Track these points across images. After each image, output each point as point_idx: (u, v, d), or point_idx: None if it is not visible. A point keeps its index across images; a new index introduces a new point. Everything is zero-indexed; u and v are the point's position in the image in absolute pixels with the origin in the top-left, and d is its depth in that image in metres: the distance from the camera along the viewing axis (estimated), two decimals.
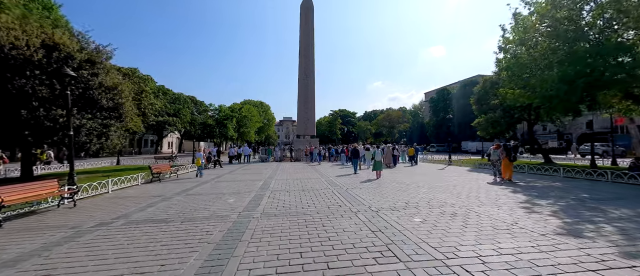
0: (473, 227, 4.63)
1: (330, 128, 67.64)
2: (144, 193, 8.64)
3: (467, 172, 13.91)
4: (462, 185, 9.56)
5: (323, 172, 14.55)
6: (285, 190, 8.87)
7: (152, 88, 43.02)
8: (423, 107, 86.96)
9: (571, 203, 6.51)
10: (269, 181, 11.19)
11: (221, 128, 46.64)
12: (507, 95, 15.29)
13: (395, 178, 11.53)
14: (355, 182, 10.71)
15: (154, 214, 5.90)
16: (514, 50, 14.63)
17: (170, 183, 11.01)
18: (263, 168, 17.59)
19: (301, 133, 31.39)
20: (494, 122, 18.90)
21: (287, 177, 12.63)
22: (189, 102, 53.96)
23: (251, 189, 9.08)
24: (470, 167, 16.76)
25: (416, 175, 12.66)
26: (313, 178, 11.79)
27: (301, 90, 31.44)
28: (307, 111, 31.53)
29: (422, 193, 8.10)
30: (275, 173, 14.54)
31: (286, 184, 10.20)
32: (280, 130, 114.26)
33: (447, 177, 11.76)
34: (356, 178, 12.06)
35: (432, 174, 13.27)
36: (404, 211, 5.77)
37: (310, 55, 31.55)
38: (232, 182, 10.96)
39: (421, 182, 10.44)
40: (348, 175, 12.98)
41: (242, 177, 12.95)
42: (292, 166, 19.61)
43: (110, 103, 12.71)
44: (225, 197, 7.68)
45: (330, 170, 15.80)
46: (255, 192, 8.58)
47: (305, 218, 5.33)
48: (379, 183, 10.26)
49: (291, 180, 11.50)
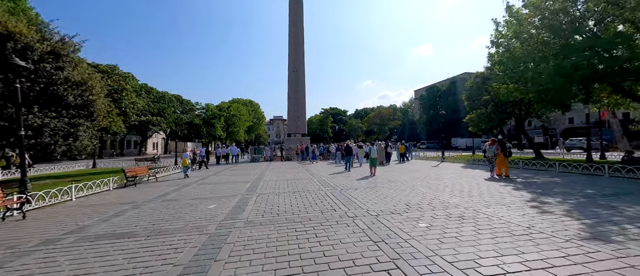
0: (487, 233, 4.07)
1: (321, 126, 66.96)
2: (113, 200, 7.66)
3: (462, 169, 13.59)
4: (460, 182, 9.11)
5: (315, 171, 13.87)
6: (275, 192, 8.13)
7: (133, 86, 40.95)
8: (413, 104, 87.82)
9: (581, 200, 6.12)
10: (257, 182, 10.39)
11: (209, 127, 44.97)
12: (500, 89, 15.10)
13: (390, 177, 11.00)
14: (350, 181, 10.09)
15: (117, 226, 5.02)
16: (508, 44, 14.41)
17: (148, 187, 10.01)
18: (252, 169, 16.72)
19: (292, 131, 30.59)
20: (485, 118, 18.79)
21: (277, 177, 11.86)
22: (175, 101, 51.83)
23: (237, 192, 8.27)
24: (463, 163, 16.52)
25: (411, 173, 12.19)
26: (305, 179, 11.09)
27: (291, 88, 30.58)
28: (297, 109, 30.74)
29: (422, 192, 7.55)
30: (265, 173, 13.74)
31: (276, 185, 9.44)
32: (271, 129, 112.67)
33: (443, 174, 11.34)
34: (350, 176, 11.45)
35: (427, 171, 12.86)
36: (407, 215, 5.16)
37: (300, 50, 30.71)
38: (217, 185, 10.09)
39: (418, 179, 9.94)
40: (341, 174, 12.37)
41: (228, 178, 12.07)
42: (283, 165, 18.82)
43: (79, 100, 11.50)
44: (205, 203, 6.85)
45: (323, 169, 15.14)
46: (240, 195, 7.79)
47: (295, 227, 4.62)
48: (375, 181, 9.68)
49: (281, 180, 10.75)
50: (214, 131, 44.69)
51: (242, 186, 9.50)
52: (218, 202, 6.96)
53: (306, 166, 17.93)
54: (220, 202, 6.95)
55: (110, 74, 36.33)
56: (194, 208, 6.31)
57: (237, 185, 9.71)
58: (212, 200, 7.23)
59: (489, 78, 18.70)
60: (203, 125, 45.00)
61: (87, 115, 12.13)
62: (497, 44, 15.50)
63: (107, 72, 36.16)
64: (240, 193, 8.14)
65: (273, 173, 13.81)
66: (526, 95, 13.38)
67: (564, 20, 11.43)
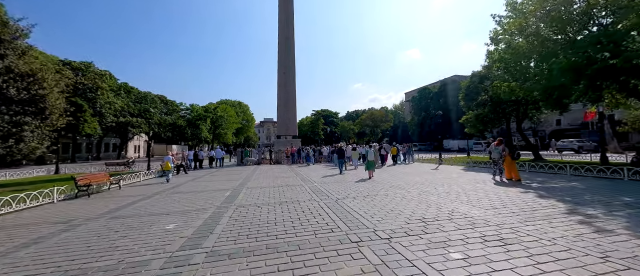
0: (555, 269, 2.84)
1: (312, 128, 65.62)
2: (49, 217, 6.00)
3: (463, 172, 12.59)
4: (471, 188, 8.00)
5: (305, 176, 12.51)
6: (257, 203, 6.70)
7: (111, 85, 38.26)
8: (404, 106, 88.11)
9: (628, 211, 5.06)
10: (239, 190, 8.91)
11: (194, 129, 42.64)
12: (501, 88, 14.31)
13: (390, 181, 9.79)
14: (346, 187, 8.79)
15: (13, 266, 3.47)
16: (509, 39, 13.64)
17: (105, 198, 8.32)
18: (236, 173, 15.14)
19: (282, 133, 29.12)
20: (483, 118, 18.05)
21: (263, 183, 10.41)
22: (158, 102, 49.09)
23: (210, 204, 6.79)
24: (462, 165, 15.60)
25: (411, 176, 11.05)
26: (294, 185, 9.70)
27: (281, 88, 29.18)
28: (287, 110, 29.34)
29: (434, 202, 6.34)
30: (250, 178, 12.24)
31: (260, 194, 8.01)
32: (261, 131, 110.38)
33: (447, 178, 10.25)
34: (345, 181, 10.16)
35: (427, 175, 11.77)
36: (428, 238, 3.89)
37: (291, 49, 29.42)
38: (190, 193, 8.53)
39: (422, 184, 8.77)
40: (333, 176, 11.09)
41: (206, 185, 10.49)
42: (271, 169, 17.33)
43: (24, 94, 9.65)
44: (164, 221, 5.34)
45: (314, 173, 13.80)
46: (214, 208, 6.31)
47: (277, 263, 3.24)
48: (375, 187, 8.43)
49: (267, 188, 9.31)
50: (199, 133, 42.39)
51: (220, 196, 8.00)
52: (182, 218, 5.47)
53: (296, 170, 16.52)
54: (185, 218, 5.46)
55: (85, 72, 33.69)
56: (144, 230, 4.79)
57: (214, 195, 8.19)
58: (175, 216, 5.72)
59: (487, 77, 18.01)
60: (188, 127, 42.60)
61: (36, 112, 10.25)
62: (496, 40, 14.73)
63: (81, 69, 33.52)
64: (214, 205, 6.66)
65: (259, 178, 12.32)
66: (529, 93, 12.58)
67: (573, 12, 10.68)
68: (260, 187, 9.50)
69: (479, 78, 18.57)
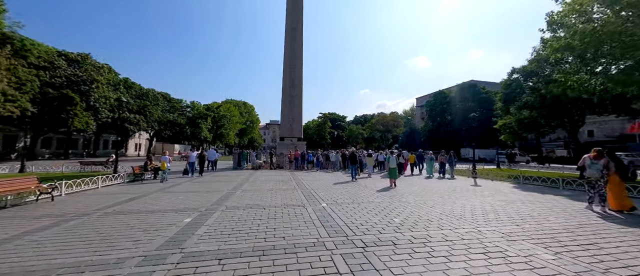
0: None
1: (319, 132, 62.70)
2: None
3: (523, 193, 9.40)
4: (572, 228, 4.88)
5: (310, 188, 9.58)
6: (221, 252, 3.79)
7: (110, 79, 36.42)
8: (414, 112, 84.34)
9: None
10: (212, 211, 6.04)
11: (194, 128, 40.30)
12: (567, 83, 11.10)
13: (429, 201, 6.74)
14: (369, 210, 5.80)
15: None
16: (584, 20, 10.48)
17: (17, 217, 5.59)
18: (226, 181, 12.32)
19: (286, 135, 26.36)
20: (529, 123, 14.73)
21: (253, 199, 7.53)
22: (159, 98, 47.24)
23: (143, 243, 3.92)
24: (510, 182, 12.34)
25: (456, 198, 7.96)
26: (293, 206, 6.76)
27: (286, 86, 26.52)
28: (292, 109, 26.59)
29: (547, 262, 3.28)
30: (239, 189, 9.38)
31: (240, 220, 5.13)
32: (267, 134, 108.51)
33: (510, 205, 7.12)
34: (362, 198, 7.17)
35: (470, 192, 8.66)
36: None
37: (298, 42, 26.81)
38: (134, 215, 5.70)
39: (482, 212, 5.70)
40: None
41: (170, 200, 7.63)
42: (270, 176, 14.45)
43: None
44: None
45: (321, 183, 10.84)
46: (140, 256, 3.43)
47: None
48: (417, 215, 5.41)
49: (255, 207, 6.41)
50: (199, 132, 40.03)
51: (173, 224, 5.12)
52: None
53: (299, 178, 13.60)
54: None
55: (81, 64, 31.91)
56: None
57: (168, 220, 5.33)
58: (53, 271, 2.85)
59: (535, 73, 14.75)
60: (187, 125, 40.30)
61: None
62: (560, 24, 11.62)
63: (77, 61, 31.76)
64: (145, 251, 3.77)
65: (251, 189, 9.43)
66: (617, 87, 9.36)
67: None
68: (247, 206, 6.59)
69: (523, 75, 15.31)
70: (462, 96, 46.45)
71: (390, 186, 10.50)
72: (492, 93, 43.98)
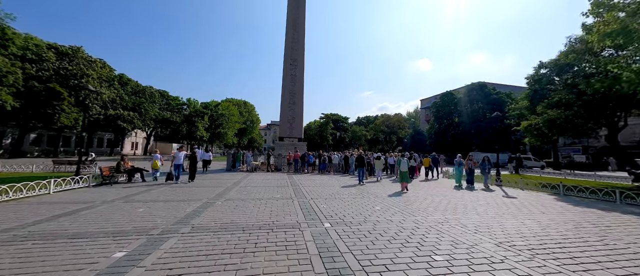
0: None
1: (320, 132, 60.82)
2: None
3: (576, 207, 7.50)
4: None
5: (307, 193, 7.75)
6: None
7: (104, 75, 34.90)
8: (419, 114, 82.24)
9: None
10: (174, 232, 4.22)
11: (190, 126, 38.62)
12: (623, 76, 9.17)
13: (469, 224, 4.87)
14: (389, 233, 3.96)
15: None
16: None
17: None
18: (213, 185, 10.51)
19: (285, 135, 24.60)
20: (562, 123, 12.77)
21: (235, 213, 5.71)
22: (157, 96, 45.75)
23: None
24: (544, 191, 10.42)
25: (499, 214, 6.10)
26: (285, 226, 4.92)
27: (286, 83, 24.81)
28: (293, 108, 24.85)
29: None
30: (222, 197, 7.57)
31: (198, 258, 3.29)
32: (267, 134, 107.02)
33: (581, 226, 5.23)
34: (373, 207, 5.33)
35: (511, 207, 6.77)
36: None
37: (300, 37, 25.12)
38: (43, 244, 3.90)
39: (553, 240, 3.83)
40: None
41: (123, 215, 5.83)
42: (265, 180, 12.62)
43: None
44: None
45: (320, 190, 8.99)
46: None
47: None
48: (460, 250, 3.56)
49: (231, 229, 4.58)
50: (195, 131, 38.33)
51: (94, 260, 3.31)
52: None
53: (298, 182, 11.77)
54: None
55: (72, 57, 30.41)
56: None
57: (85, 255, 3.52)
58: None
59: (570, 67, 12.82)
60: (184, 123, 38.63)
61: None
62: (608, 5, 9.76)
63: (67, 54, 30.26)
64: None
65: (234, 201, 7.60)
66: None
67: None
68: (215, 229, 4.75)
69: (555, 69, 13.37)
70: (471, 97, 44.46)
71: (402, 190, 9.86)
72: (503, 95, 41.97)
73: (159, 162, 12.23)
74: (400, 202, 7.71)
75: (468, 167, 11.59)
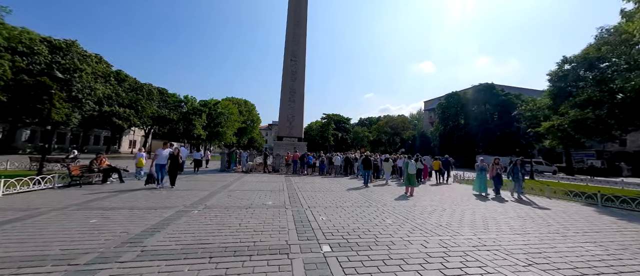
0: None
1: (322, 133, 59.50)
2: None
3: (629, 224, 6.15)
4: None
5: (305, 200, 6.47)
6: None
7: (100, 70, 33.85)
8: (422, 116, 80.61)
9: None
10: (120, 254, 2.95)
11: (187, 124, 37.45)
12: None
13: (513, 250, 3.55)
14: (413, 261, 2.69)
15: None
16: None
17: None
18: (200, 187, 9.22)
19: (284, 134, 23.33)
20: (591, 124, 11.35)
21: (209, 227, 4.43)
22: (155, 93, 44.68)
23: None
24: (577, 201, 9.04)
25: (544, 234, 4.79)
26: (271, 249, 3.63)
27: (287, 78, 23.57)
28: (292, 106, 23.58)
29: None
30: (202, 204, 6.29)
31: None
32: (269, 134, 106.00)
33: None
34: (384, 219, 4.03)
35: (553, 224, 5.43)
36: None
37: (301, 31, 23.89)
38: None
39: None
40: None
41: (69, 227, 4.57)
42: (259, 183, 11.33)
43: None
44: None
45: (320, 195, 7.69)
46: None
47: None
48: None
49: (196, 252, 3.30)
50: (192, 129, 37.16)
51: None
52: None
53: (296, 185, 10.47)
54: None
55: (66, 51, 29.39)
56: None
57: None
58: None
59: (601, 61, 11.44)
60: (180, 121, 37.47)
61: None
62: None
63: (61, 48, 29.24)
64: None
65: (215, 209, 6.32)
66: None
67: None
68: (168, 258, 3.45)
69: (585, 63, 11.98)
70: (478, 98, 42.98)
71: (406, 194, 9.35)
72: (513, 96, 40.48)
73: (144, 160, 11.76)
74: (415, 213, 6.40)
75: (495, 173, 9.92)
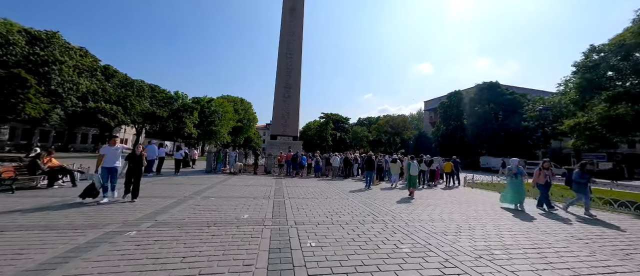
0: None
1: (320, 133, 57.81)
2: None
3: None
4: None
5: (293, 211, 4.81)
6: None
7: (85, 64, 31.99)
8: (422, 116, 79.17)
9: None
10: None
11: (177, 122, 35.61)
12: None
13: None
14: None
15: None
16: None
17: None
18: (167, 193, 7.49)
19: (278, 133, 21.69)
20: (629, 120, 9.74)
21: (129, 268, 2.79)
22: (146, 90, 42.83)
23: None
24: (632, 214, 7.45)
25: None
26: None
27: (281, 73, 21.94)
28: (288, 103, 21.95)
29: None
30: (149, 220, 4.59)
31: None
32: (266, 134, 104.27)
33: None
34: (396, 246, 2.43)
35: (630, 251, 3.81)
36: None
37: (297, 25, 22.28)
38: None
39: None
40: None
41: None
42: (243, 187, 9.60)
43: None
44: None
45: (312, 204, 6.01)
46: None
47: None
48: None
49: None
50: (183, 127, 35.34)
51: None
52: None
53: (286, 191, 8.77)
54: None
55: (47, 44, 27.53)
56: None
57: None
58: None
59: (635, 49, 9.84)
60: (170, 119, 35.61)
61: None
62: None
63: (41, 39, 27.38)
64: None
65: (168, 226, 4.60)
66: None
67: None
68: None
69: (621, 50, 10.37)
70: (482, 98, 41.47)
71: (409, 197, 8.83)
72: (518, 95, 39.06)
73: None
74: (438, 235, 4.74)
75: (544, 180, 7.59)
